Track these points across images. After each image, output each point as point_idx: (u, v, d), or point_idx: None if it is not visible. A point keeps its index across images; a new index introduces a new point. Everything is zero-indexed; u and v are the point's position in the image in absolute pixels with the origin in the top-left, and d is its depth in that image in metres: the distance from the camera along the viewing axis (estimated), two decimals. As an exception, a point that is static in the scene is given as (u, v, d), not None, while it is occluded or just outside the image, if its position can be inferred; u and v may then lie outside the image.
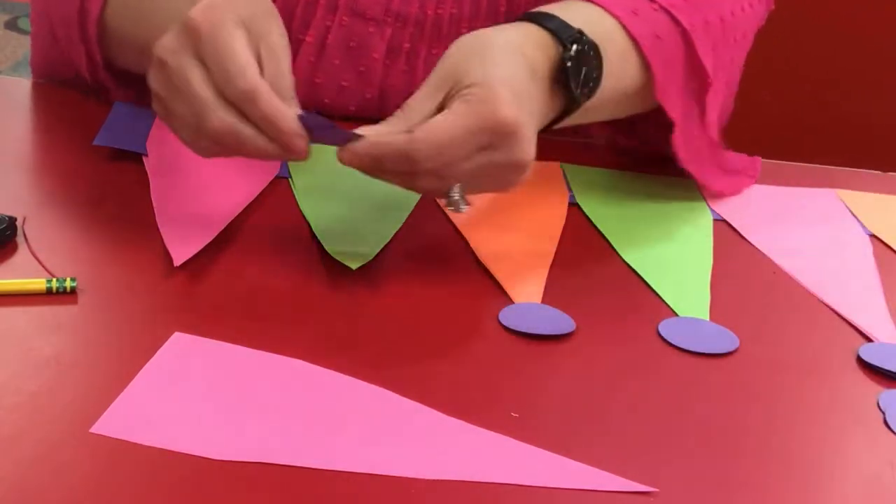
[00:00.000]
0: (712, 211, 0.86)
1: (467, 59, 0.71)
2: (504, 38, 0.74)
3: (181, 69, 0.68)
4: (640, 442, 0.60)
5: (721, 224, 0.85)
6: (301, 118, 0.67)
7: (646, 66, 0.80)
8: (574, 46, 0.74)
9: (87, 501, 0.52)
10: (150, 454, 0.55)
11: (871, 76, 1.39)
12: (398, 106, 0.92)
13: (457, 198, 0.69)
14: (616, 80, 0.79)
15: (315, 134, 0.68)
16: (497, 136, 0.68)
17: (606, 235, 0.80)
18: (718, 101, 0.87)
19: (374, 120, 0.93)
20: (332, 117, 0.91)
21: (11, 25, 3.44)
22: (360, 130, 0.69)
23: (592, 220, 0.82)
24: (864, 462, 0.60)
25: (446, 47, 0.90)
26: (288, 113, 0.67)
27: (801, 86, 1.40)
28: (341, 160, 0.68)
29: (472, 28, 0.90)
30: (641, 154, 0.90)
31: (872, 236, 0.85)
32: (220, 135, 0.68)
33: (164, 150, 0.83)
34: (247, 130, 0.67)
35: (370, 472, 0.55)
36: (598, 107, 0.79)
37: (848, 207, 0.89)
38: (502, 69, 0.70)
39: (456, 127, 0.67)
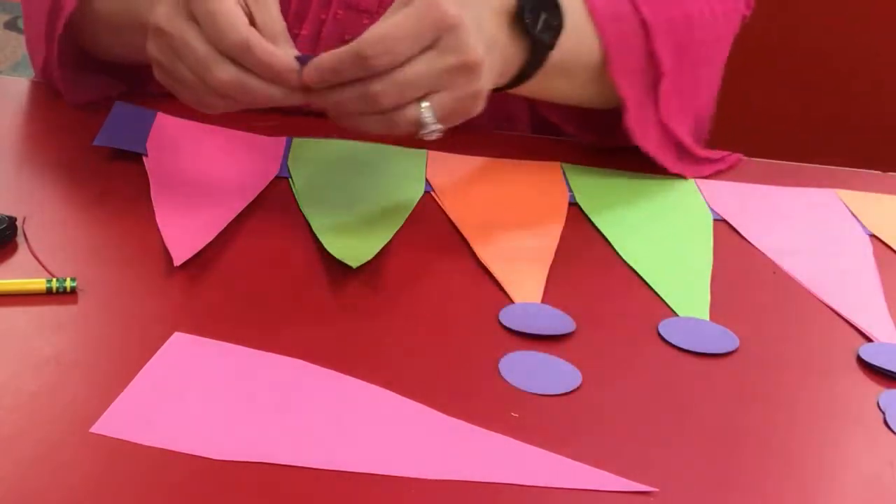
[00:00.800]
0: (712, 211, 0.86)
1: None
2: None
3: (179, 31, 0.71)
4: (640, 442, 0.60)
5: (721, 224, 0.85)
6: (298, 59, 0.70)
7: (600, 39, 0.82)
8: None
9: (87, 501, 0.52)
10: (150, 454, 0.55)
11: (871, 76, 1.39)
12: None
13: (428, 118, 0.71)
14: (575, 44, 0.81)
15: None
16: (441, 30, 0.69)
17: (606, 235, 0.81)
18: (680, 96, 0.88)
19: None
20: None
21: (11, 25, 3.44)
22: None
23: (592, 220, 0.82)
24: (864, 462, 0.60)
25: None
26: (282, 55, 0.70)
27: (800, 85, 1.40)
28: (308, 81, 0.70)
29: None
30: (641, 154, 0.90)
31: (872, 236, 0.85)
32: (225, 87, 0.70)
33: (164, 150, 0.83)
34: (250, 79, 0.70)
35: (370, 472, 0.55)
36: (560, 72, 0.81)
37: (848, 207, 0.89)
38: None
39: (399, 21, 0.69)
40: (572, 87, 0.86)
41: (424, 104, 0.70)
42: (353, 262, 0.71)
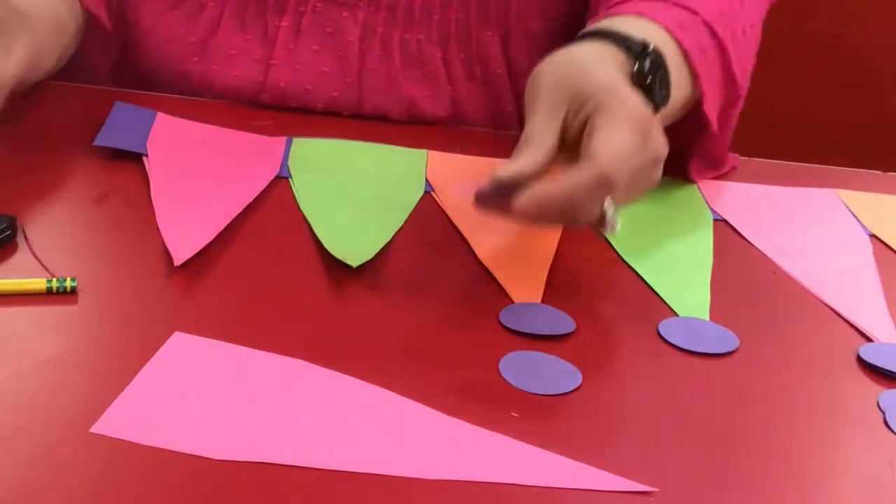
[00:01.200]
0: (712, 211, 0.86)
1: (569, 76, 0.71)
2: (587, 51, 0.74)
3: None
4: (639, 442, 0.60)
5: (721, 224, 0.85)
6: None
7: (693, 77, 0.81)
8: (648, 56, 0.75)
9: (87, 501, 0.52)
10: (150, 454, 0.55)
11: (871, 76, 1.39)
12: (378, 90, 0.94)
13: (613, 217, 0.67)
14: (676, 89, 0.79)
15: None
16: (645, 132, 0.68)
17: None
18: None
19: (356, 106, 0.94)
20: (314, 104, 0.92)
21: (11, 25, 3.43)
22: (500, 172, 0.66)
23: (592, 219, 0.82)
24: (864, 462, 0.60)
25: (419, 32, 0.92)
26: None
27: (801, 86, 1.40)
28: (520, 210, 0.65)
29: (443, 16, 0.92)
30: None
31: (872, 236, 0.85)
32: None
33: (164, 150, 0.83)
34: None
35: (370, 472, 0.55)
36: (666, 115, 0.79)
37: (848, 207, 0.89)
38: (609, 72, 0.71)
39: (624, 137, 0.67)
40: (668, 121, 0.83)
41: (608, 202, 0.67)
42: (353, 262, 0.71)
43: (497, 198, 0.67)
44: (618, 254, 0.78)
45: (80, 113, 0.89)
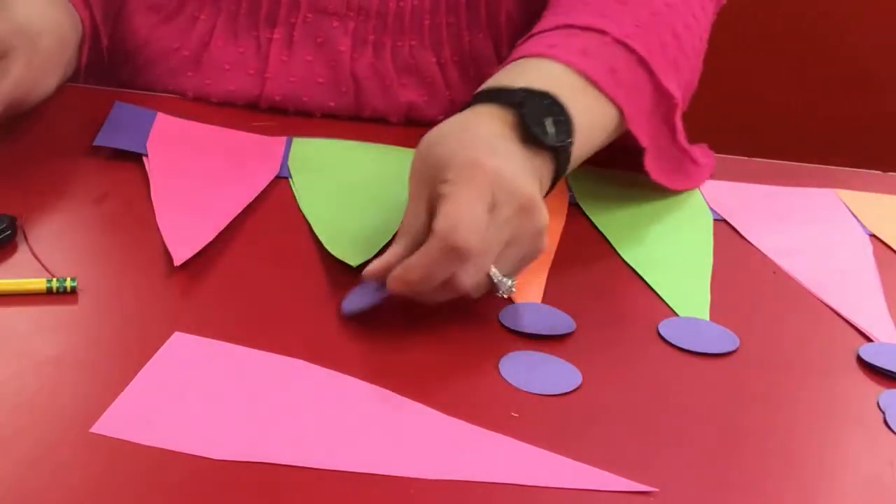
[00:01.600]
0: (712, 211, 0.86)
1: (431, 157, 0.69)
2: (458, 124, 0.72)
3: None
4: (640, 442, 0.60)
5: (721, 224, 0.85)
6: None
7: (611, 100, 0.78)
8: (524, 103, 0.72)
9: (87, 501, 0.52)
10: (150, 454, 0.55)
11: (871, 76, 1.39)
12: (374, 97, 0.94)
13: (500, 279, 0.67)
14: (590, 116, 0.77)
15: None
16: (499, 198, 0.66)
17: (606, 235, 0.81)
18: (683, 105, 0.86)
19: (353, 115, 0.94)
20: (312, 114, 0.92)
21: (11, 25, 3.43)
22: (368, 270, 0.67)
23: (592, 220, 0.82)
24: (864, 462, 0.60)
25: (411, 39, 0.92)
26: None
27: (801, 85, 1.40)
28: (391, 290, 0.65)
29: (434, 21, 0.92)
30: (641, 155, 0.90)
31: (872, 236, 0.85)
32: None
33: (164, 150, 0.83)
34: None
35: (370, 472, 0.55)
36: (584, 142, 0.77)
37: (848, 207, 0.89)
38: (469, 144, 0.69)
39: (467, 205, 0.65)
40: (596, 146, 0.81)
41: (493, 270, 0.67)
42: (353, 262, 0.71)
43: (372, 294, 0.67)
44: (618, 254, 0.78)
45: (80, 113, 0.89)
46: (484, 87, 0.77)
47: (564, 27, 0.81)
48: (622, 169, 0.88)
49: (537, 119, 0.72)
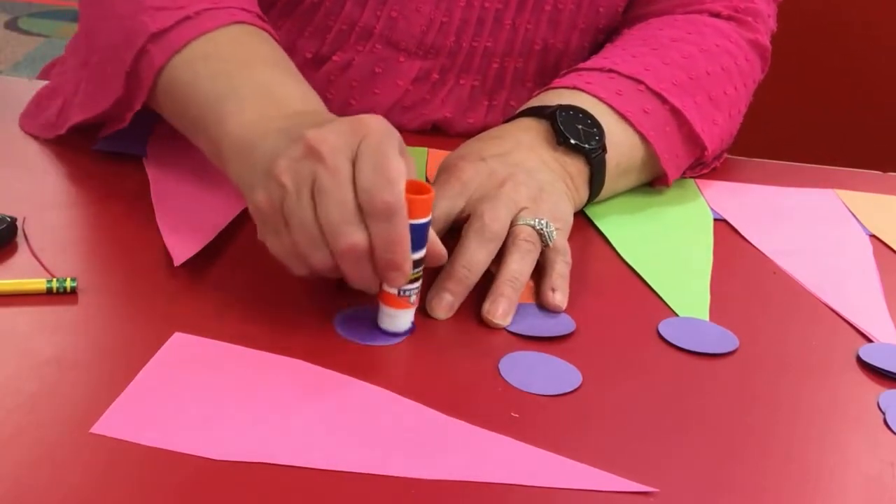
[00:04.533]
0: (712, 211, 0.86)
1: (459, 152, 0.78)
2: (489, 131, 0.81)
3: (318, 174, 0.62)
4: (640, 442, 0.60)
5: (721, 224, 0.85)
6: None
7: (642, 137, 0.83)
8: (555, 115, 0.79)
9: (87, 501, 0.52)
10: (150, 454, 0.55)
11: (870, 76, 1.39)
12: (403, 109, 0.92)
13: (542, 226, 0.73)
14: (621, 145, 0.82)
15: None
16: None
17: (606, 235, 0.81)
18: (723, 138, 0.90)
19: None
20: None
21: (11, 25, 3.44)
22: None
23: (592, 219, 0.82)
24: (864, 462, 0.60)
25: (475, 78, 0.93)
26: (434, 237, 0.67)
27: (800, 86, 1.40)
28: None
29: (503, 64, 0.92)
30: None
31: (872, 236, 0.85)
32: (352, 253, 0.62)
33: (164, 150, 0.83)
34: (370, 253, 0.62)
35: (370, 472, 0.55)
36: (620, 173, 0.83)
37: (848, 207, 0.89)
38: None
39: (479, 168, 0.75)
40: (631, 182, 0.86)
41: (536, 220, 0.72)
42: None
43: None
44: (618, 254, 0.78)
45: (80, 113, 0.88)
46: (518, 110, 0.83)
47: (607, 70, 0.85)
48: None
49: (570, 125, 0.79)
